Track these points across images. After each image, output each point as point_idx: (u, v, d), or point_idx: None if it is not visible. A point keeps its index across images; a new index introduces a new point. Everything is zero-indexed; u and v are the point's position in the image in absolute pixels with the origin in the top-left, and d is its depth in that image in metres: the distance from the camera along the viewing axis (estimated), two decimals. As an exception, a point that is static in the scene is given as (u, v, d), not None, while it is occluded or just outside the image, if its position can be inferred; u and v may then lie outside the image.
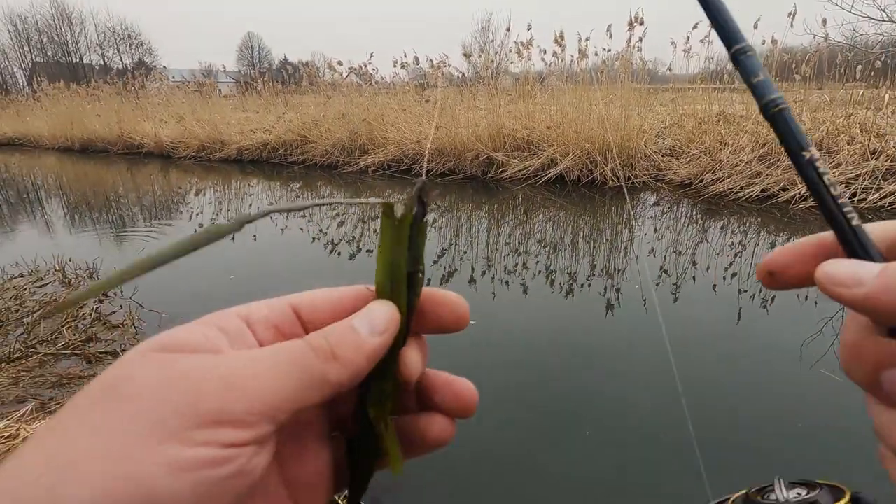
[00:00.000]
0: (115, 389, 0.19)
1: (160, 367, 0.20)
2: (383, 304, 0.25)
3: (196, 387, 0.19)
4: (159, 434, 0.18)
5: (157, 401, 0.18)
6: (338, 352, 0.22)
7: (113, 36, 48.42)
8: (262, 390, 0.20)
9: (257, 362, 0.21)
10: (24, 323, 2.83)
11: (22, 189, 8.63)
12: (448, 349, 2.51)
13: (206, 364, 0.20)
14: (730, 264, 3.54)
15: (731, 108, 6.96)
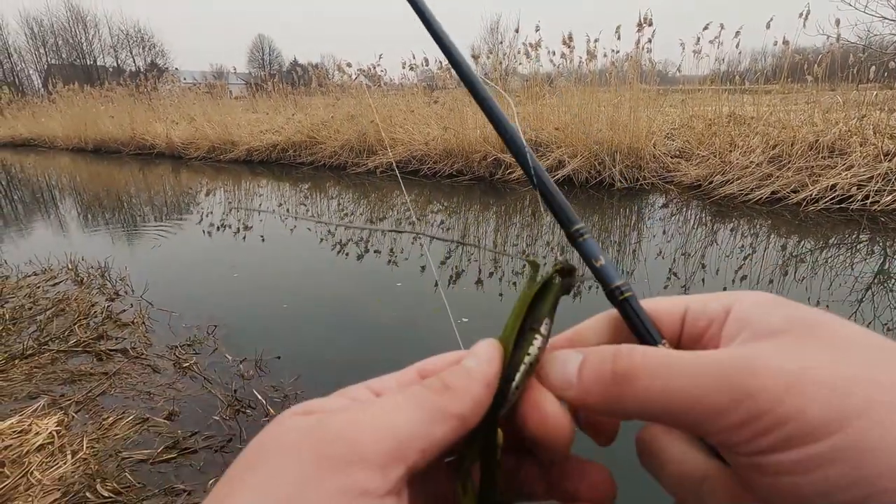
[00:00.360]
0: (261, 452, 0.20)
1: (298, 424, 0.21)
2: (485, 340, 0.25)
3: (326, 431, 0.20)
4: (301, 487, 0.18)
5: (295, 453, 0.19)
6: (449, 382, 0.23)
7: (126, 38, 49.10)
8: (386, 423, 0.20)
9: (379, 403, 0.22)
10: (37, 320, 2.87)
11: (37, 189, 8.77)
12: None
13: (337, 413, 0.21)
14: (739, 267, 3.50)
15: (741, 109, 6.90)
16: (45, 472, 1.66)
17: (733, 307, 0.23)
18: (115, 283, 3.49)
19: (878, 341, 0.19)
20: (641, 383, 0.20)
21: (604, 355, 0.22)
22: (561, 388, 0.23)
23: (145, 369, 2.35)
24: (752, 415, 0.18)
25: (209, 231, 5.02)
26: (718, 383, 0.19)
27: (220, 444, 1.82)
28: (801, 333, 0.19)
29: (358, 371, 2.33)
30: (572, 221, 0.27)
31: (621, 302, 0.25)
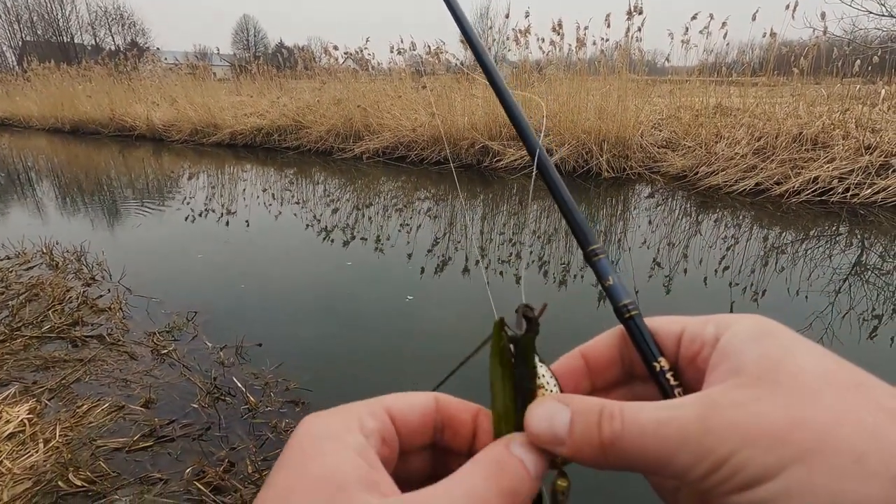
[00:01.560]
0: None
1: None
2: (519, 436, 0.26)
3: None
4: None
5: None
6: (511, 486, 0.24)
7: (105, 15, 47.53)
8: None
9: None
10: (9, 305, 2.79)
11: (12, 170, 8.51)
12: (455, 343, 2.51)
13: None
14: (722, 257, 3.54)
15: (728, 100, 6.94)
16: (16, 460, 1.62)
17: (722, 336, 0.25)
18: (92, 268, 3.40)
19: (838, 380, 0.21)
20: (623, 448, 0.23)
21: (590, 419, 0.24)
22: (551, 443, 0.25)
23: (122, 356, 2.30)
24: (712, 468, 0.21)
25: (191, 216, 4.92)
26: (683, 444, 0.21)
27: (199, 432, 1.79)
28: (764, 377, 0.22)
29: (340, 359, 2.32)
30: (590, 242, 0.29)
31: (626, 320, 0.28)
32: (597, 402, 0.24)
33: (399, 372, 2.20)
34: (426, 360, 2.29)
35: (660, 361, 0.27)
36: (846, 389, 0.20)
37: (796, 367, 0.21)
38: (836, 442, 0.19)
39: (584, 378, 0.29)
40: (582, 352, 0.30)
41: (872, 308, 2.73)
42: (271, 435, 1.77)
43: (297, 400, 1.97)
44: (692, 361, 0.26)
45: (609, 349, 0.30)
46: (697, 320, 0.27)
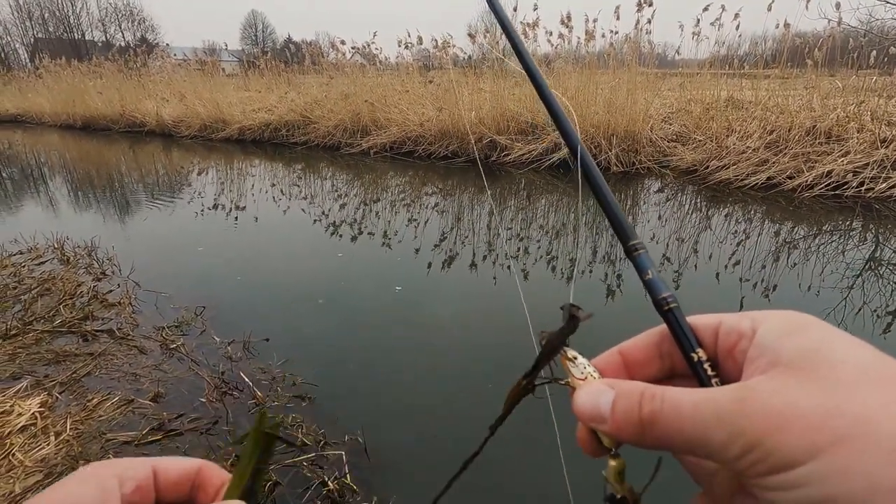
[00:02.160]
0: None
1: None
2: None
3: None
4: None
5: None
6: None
7: (115, 11, 47.84)
8: None
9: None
10: (22, 300, 2.83)
11: (25, 166, 8.61)
12: (464, 334, 2.50)
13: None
14: (732, 253, 3.50)
15: (739, 93, 6.83)
16: (28, 453, 1.64)
17: (759, 328, 0.26)
18: (103, 263, 3.44)
19: (875, 372, 0.21)
20: (661, 426, 0.24)
21: (632, 399, 0.25)
22: (594, 420, 0.27)
23: (131, 350, 2.33)
24: (745, 449, 0.21)
25: (200, 211, 4.95)
26: (719, 424, 0.22)
27: (206, 427, 1.81)
28: (798, 366, 0.22)
29: (347, 355, 2.32)
30: (630, 237, 0.30)
31: (666, 312, 0.29)
32: (640, 384, 0.26)
33: (405, 367, 2.20)
34: (432, 356, 2.29)
35: (697, 352, 0.28)
36: (883, 381, 0.21)
37: (835, 359, 0.22)
38: (873, 430, 0.19)
39: (622, 373, 0.30)
40: (620, 349, 0.31)
41: (887, 304, 2.68)
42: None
43: (304, 395, 1.97)
44: (730, 353, 0.27)
45: (647, 346, 0.31)
46: (734, 315, 0.28)
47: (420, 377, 2.13)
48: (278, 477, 1.56)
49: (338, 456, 1.65)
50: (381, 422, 1.83)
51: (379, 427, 1.80)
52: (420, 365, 2.22)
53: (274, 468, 1.59)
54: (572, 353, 0.29)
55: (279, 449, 1.69)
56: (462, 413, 1.88)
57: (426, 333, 2.52)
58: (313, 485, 1.53)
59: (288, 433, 1.72)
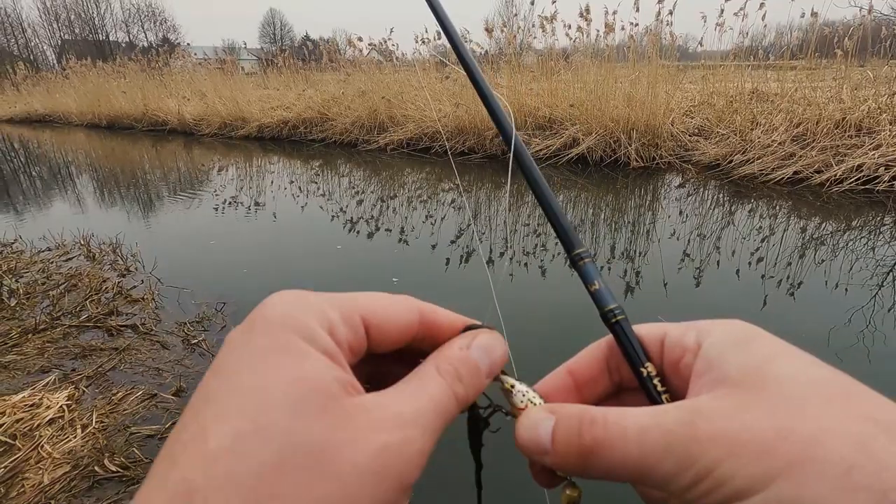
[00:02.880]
0: None
1: None
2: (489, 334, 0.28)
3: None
4: None
5: None
6: (462, 374, 0.25)
7: (137, 13, 48.81)
8: (403, 415, 0.22)
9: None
10: (50, 295, 2.91)
11: (53, 165, 8.86)
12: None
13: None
14: (756, 249, 3.41)
15: (765, 85, 6.65)
16: (56, 445, 1.69)
17: (704, 341, 0.25)
18: (127, 259, 3.52)
19: (825, 389, 0.20)
20: (605, 455, 0.22)
21: (571, 425, 0.24)
22: (537, 453, 0.25)
23: (154, 345, 2.37)
24: (697, 478, 0.20)
25: (220, 208, 5.03)
26: (667, 452, 0.21)
27: (227, 421, 1.83)
28: (747, 386, 0.21)
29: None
30: (575, 245, 0.29)
31: (613, 324, 0.27)
32: (579, 408, 0.24)
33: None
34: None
35: (646, 367, 0.26)
36: (834, 399, 0.20)
37: (782, 375, 0.21)
38: (824, 454, 0.18)
39: (573, 394, 0.29)
40: (568, 368, 0.29)
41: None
42: (297, 425, 1.80)
43: (322, 391, 1.99)
44: (675, 368, 0.26)
45: (595, 362, 0.29)
46: (678, 326, 0.27)
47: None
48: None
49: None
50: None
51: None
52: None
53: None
54: (509, 382, 0.27)
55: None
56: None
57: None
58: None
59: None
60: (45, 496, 1.50)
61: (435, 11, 0.35)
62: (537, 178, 0.30)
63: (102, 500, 1.49)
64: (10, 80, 19.89)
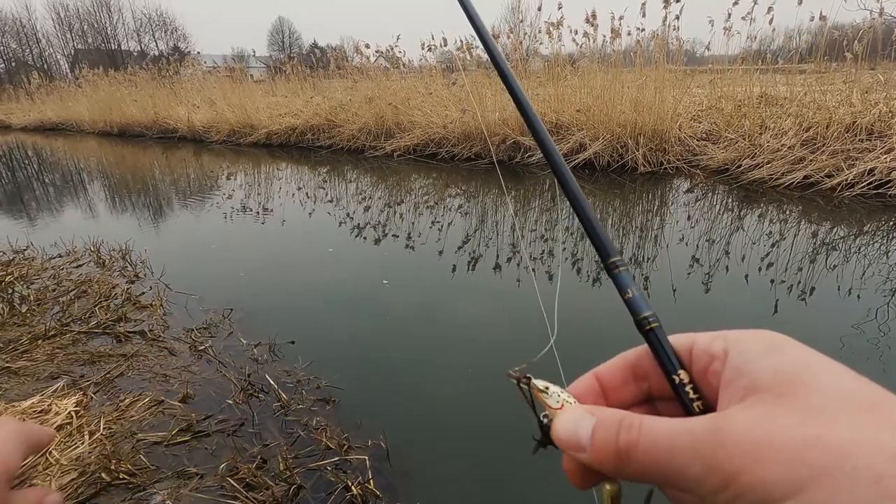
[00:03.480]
0: None
1: None
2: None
3: None
4: None
5: None
6: None
7: (149, 22, 49.54)
8: None
9: None
10: (60, 302, 2.94)
11: (65, 172, 8.98)
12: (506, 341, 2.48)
13: None
14: (766, 254, 3.37)
15: (773, 89, 6.60)
16: (64, 451, 1.69)
17: (731, 350, 0.25)
18: (136, 266, 3.54)
19: (856, 399, 0.20)
20: (638, 457, 0.23)
21: (610, 428, 0.25)
22: (574, 449, 0.26)
23: (162, 352, 2.38)
24: (723, 483, 0.20)
25: (228, 215, 5.06)
26: (695, 456, 0.21)
27: (233, 428, 1.83)
28: (775, 392, 0.21)
29: (370, 358, 2.32)
30: (610, 254, 0.30)
31: (647, 332, 0.28)
32: (619, 412, 0.25)
33: (429, 371, 2.19)
34: (457, 360, 2.27)
35: (679, 374, 0.27)
36: (864, 409, 0.20)
37: (812, 384, 0.21)
38: (853, 463, 0.18)
39: (599, 398, 0.30)
40: (595, 373, 0.31)
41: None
42: (302, 433, 1.79)
43: (328, 398, 1.98)
44: (703, 375, 0.26)
45: (621, 370, 0.30)
46: (706, 335, 0.27)
47: (444, 382, 2.11)
48: (302, 480, 1.57)
49: (361, 461, 1.65)
50: (404, 427, 1.83)
51: (402, 432, 1.79)
52: (444, 369, 2.21)
53: (298, 471, 1.60)
54: (542, 384, 0.29)
55: (304, 451, 1.71)
56: (488, 420, 1.86)
57: (451, 337, 2.50)
58: (337, 489, 1.53)
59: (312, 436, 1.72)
60: (53, 503, 1.50)
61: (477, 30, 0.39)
62: (575, 191, 0.32)
63: (109, 507, 1.50)
64: (25, 90, 20.24)
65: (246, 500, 1.49)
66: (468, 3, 0.40)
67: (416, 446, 1.73)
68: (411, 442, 1.75)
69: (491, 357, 2.27)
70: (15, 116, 19.58)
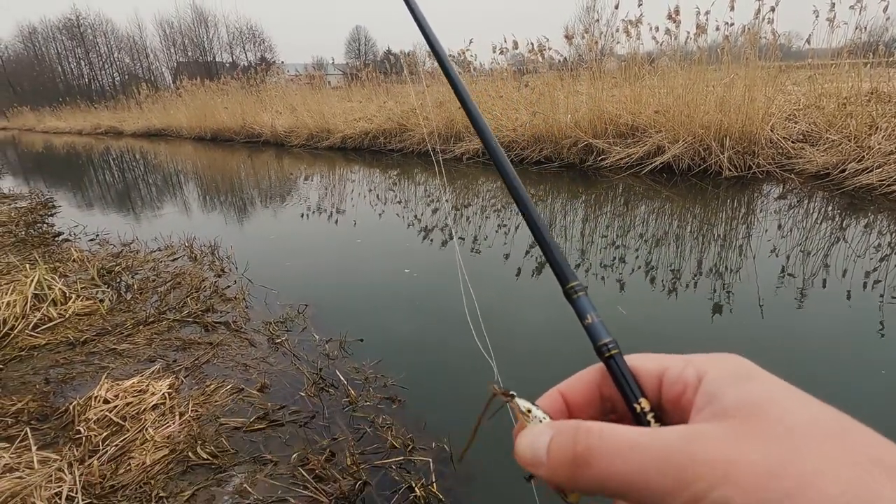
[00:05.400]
0: None
1: None
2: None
3: None
4: None
5: None
6: None
7: (240, 35, 53.52)
8: None
9: None
10: (158, 292, 3.23)
11: (165, 173, 9.91)
12: (559, 351, 2.44)
13: None
14: (873, 269, 3.02)
15: (886, 85, 5.91)
16: (158, 429, 1.86)
17: (704, 377, 0.25)
18: (223, 261, 3.83)
19: (825, 425, 0.20)
20: (599, 465, 0.23)
21: (566, 436, 0.24)
22: (533, 465, 0.26)
23: (243, 342, 2.55)
24: (693, 499, 0.20)
25: (306, 214, 5.33)
26: (664, 468, 0.21)
27: (304, 420, 1.92)
28: (746, 419, 0.21)
29: (436, 359, 2.34)
30: (569, 279, 0.30)
31: (607, 359, 0.28)
32: (575, 421, 0.25)
33: (491, 377, 2.17)
34: (519, 365, 2.24)
35: (640, 403, 0.27)
36: (831, 436, 0.20)
37: (781, 412, 0.21)
38: (823, 486, 0.19)
39: (564, 416, 0.30)
40: (560, 390, 0.30)
41: None
42: (369, 430, 1.84)
43: (394, 397, 2.03)
44: (677, 403, 0.26)
45: (588, 386, 0.30)
46: (677, 360, 0.27)
47: (508, 387, 2.08)
48: (367, 477, 1.61)
49: (425, 462, 1.66)
50: (468, 431, 1.82)
51: (466, 436, 1.79)
52: (507, 375, 2.18)
53: (364, 467, 1.64)
54: (525, 406, 0.28)
55: (370, 448, 1.75)
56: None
57: (517, 342, 2.47)
58: (401, 488, 1.56)
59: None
60: (147, 475, 1.65)
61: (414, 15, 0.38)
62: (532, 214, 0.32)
63: (194, 485, 1.62)
64: (136, 99, 22.54)
65: (315, 490, 1.55)
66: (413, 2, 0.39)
67: (479, 452, 1.72)
68: (475, 448, 1.74)
69: (558, 363, 2.21)
70: (126, 124, 21.89)
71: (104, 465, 1.69)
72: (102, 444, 1.78)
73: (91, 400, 1.99)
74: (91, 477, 1.63)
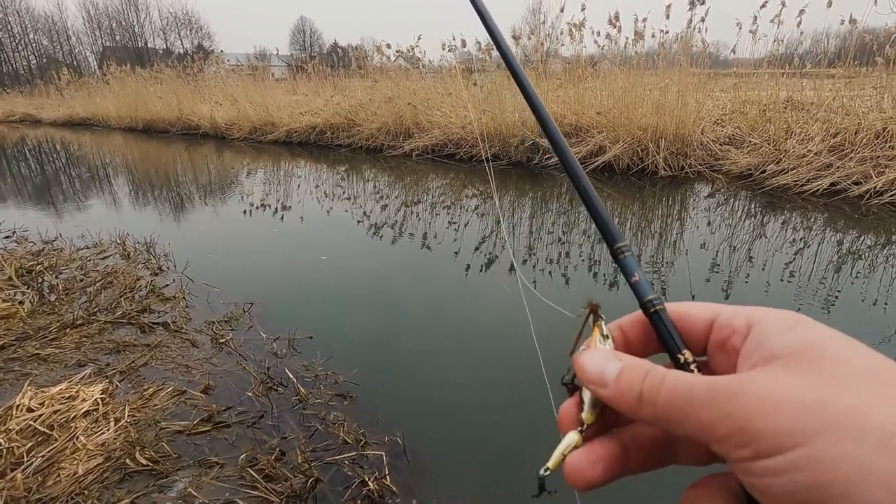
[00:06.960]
0: None
1: None
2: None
3: None
4: None
5: None
6: None
7: (174, 21, 50.55)
8: None
9: None
10: (87, 292, 3.02)
11: (91, 166, 9.21)
12: (517, 345, 2.48)
13: None
14: (789, 262, 3.31)
15: (800, 94, 6.46)
16: (90, 437, 1.75)
17: (754, 326, 0.26)
18: (160, 259, 3.62)
19: (870, 369, 0.21)
20: (658, 403, 0.25)
21: (636, 373, 0.26)
22: (594, 383, 0.28)
23: (184, 343, 2.44)
24: (732, 430, 0.22)
25: (249, 210, 5.14)
26: (711, 403, 0.23)
27: (252, 420, 1.87)
28: (793, 359, 0.23)
29: (387, 355, 2.34)
30: (616, 239, 0.31)
31: (652, 314, 0.30)
32: (646, 362, 0.27)
33: (445, 369, 2.20)
34: (473, 358, 2.28)
35: (684, 354, 0.28)
36: (879, 380, 0.21)
37: (831, 355, 0.22)
38: (865, 419, 0.19)
39: (622, 348, 0.31)
40: (620, 324, 0.32)
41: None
42: (320, 427, 1.82)
43: (345, 394, 2.01)
44: (722, 347, 0.28)
45: (644, 325, 0.31)
46: (730, 309, 0.28)
47: (461, 379, 2.12)
48: (319, 474, 1.59)
49: (378, 456, 1.66)
50: (421, 423, 1.84)
51: (419, 429, 1.80)
52: (460, 367, 2.22)
53: (315, 464, 1.62)
54: (606, 331, 0.31)
55: (322, 445, 1.73)
56: (503, 417, 1.86)
57: (466, 334, 2.51)
58: (354, 483, 1.55)
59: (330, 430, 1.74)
60: (80, 486, 1.55)
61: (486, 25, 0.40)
62: (583, 180, 0.34)
63: (133, 493, 1.54)
64: (55, 85, 20.78)
65: (265, 490, 1.52)
66: (482, 5, 0.42)
67: (432, 444, 1.74)
68: (428, 439, 1.76)
69: (506, 354, 2.27)
70: (45, 111, 20.13)
71: (29, 477, 1.57)
72: (27, 455, 1.65)
73: (12, 409, 1.84)
74: (15, 491, 1.51)
